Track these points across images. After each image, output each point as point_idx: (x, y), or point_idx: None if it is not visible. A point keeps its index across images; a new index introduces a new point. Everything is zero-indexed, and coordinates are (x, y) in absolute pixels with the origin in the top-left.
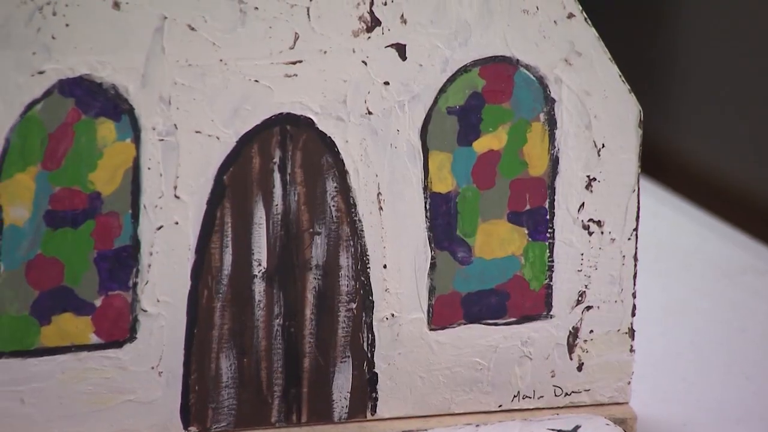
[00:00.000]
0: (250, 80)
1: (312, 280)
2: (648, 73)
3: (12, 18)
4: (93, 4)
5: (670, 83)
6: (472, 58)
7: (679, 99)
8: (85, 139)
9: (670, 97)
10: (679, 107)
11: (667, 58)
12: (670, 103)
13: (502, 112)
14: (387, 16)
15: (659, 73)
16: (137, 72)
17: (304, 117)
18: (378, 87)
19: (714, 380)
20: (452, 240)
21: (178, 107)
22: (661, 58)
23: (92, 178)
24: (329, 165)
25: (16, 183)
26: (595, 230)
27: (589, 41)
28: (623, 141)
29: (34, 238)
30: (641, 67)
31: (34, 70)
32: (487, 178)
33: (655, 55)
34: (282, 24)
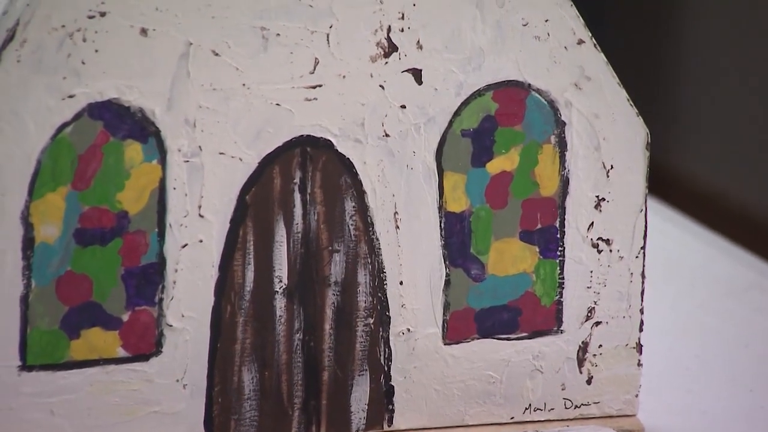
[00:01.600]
0: (272, 104)
1: (331, 296)
2: (655, 97)
3: (44, 44)
4: (121, 31)
5: (676, 106)
6: (486, 82)
7: (684, 122)
8: (113, 161)
9: (677, 119)
10: (685, 130)
11: (673, 82)
12: (676, 126)
13: (515, 134)
14: (404, 42)
15: (665, 96)
16: (163, 96)
17: (324, 139)
18: (395, 110)
19: (719, 393)
20: (466, 258)
21: (202, 130)
22: (667, 81)
23: (120, 198)
24: (348, 185)
25: (47, 202)
26: (604, 248)
27: (599, 66)
28: (631, 162)
29: (64, 256)
30: (648, 91)
31: (65, 94)
32: (500, 198)
33: (661, 78)
34: (303, 50)
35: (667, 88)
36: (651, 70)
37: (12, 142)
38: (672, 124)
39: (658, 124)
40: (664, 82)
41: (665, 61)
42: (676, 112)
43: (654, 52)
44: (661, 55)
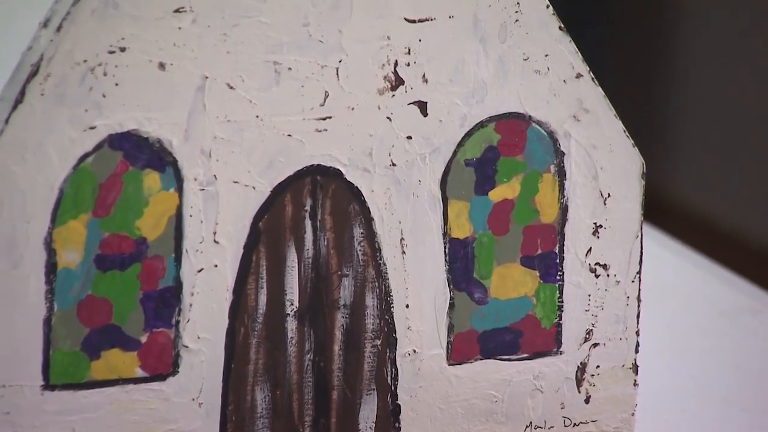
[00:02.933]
0: (284, 135)
1: (340, 318)
2: (649, 128)
3: (66, 78)
4: (140, 65)
5: (670, 136)
6: (488, 114)
7: (678, 152)
8: (133, 189)
9: (670, 150)
10: (678, 160)
11: (666, 113)
12: (670, 156)
13: (516, 164)
14: (410, 75)
15: (660, 126)
16: (180, 127)
17: (333, 168)
18: (401, 141)
19: (712, 412)
20: (469, 282)
21: (217, 159)
22: (661, 112)
23: (139, 225)
24: (356, 212)
25: (69, 229)
26: (601, 273)
27: (596, 99)
28: (627, 191)
29: (85, 280)
30: (644, 121)
31: (86, 126)
32: (502, 225)
33: (655, 110)
34: (313, 83)
35: (661, 119)
36: (646, 102)
37: (36, 172)
38: (666, 155)
39: (653, 153)
40: (658, 113)
41: (659, 92)
42: (670, 143)
43: (649, 85)
44: (655, 87)
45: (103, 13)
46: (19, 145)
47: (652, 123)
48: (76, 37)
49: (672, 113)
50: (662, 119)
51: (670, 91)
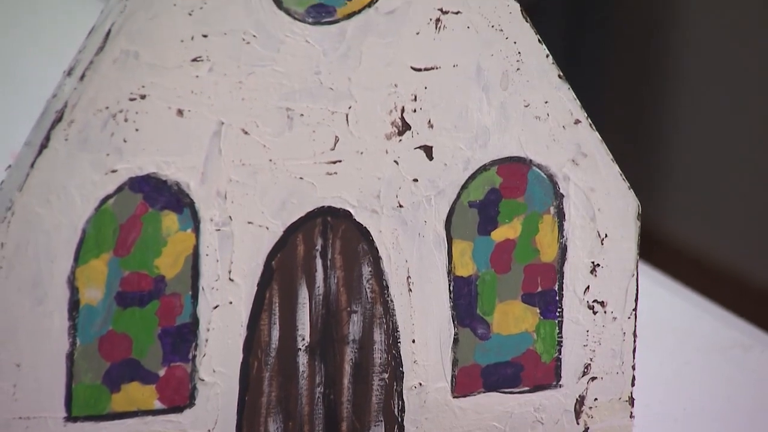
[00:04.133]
0: (296, 177)
1: (349, 353)
2: (644, 171)
3: (89, 124)
4: (160, 112)
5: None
6: (491, 158)
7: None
8: (152, 229)
9: (664, 192)
10: (671, 202)
11: (659, 158)
12: (664, 199)
13: (517, 205)
14: (416, 121)
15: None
16: (197, 170)
17: (343, 210)
18: (408, 183)
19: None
20: (473, 318)
21: (232, 201)
22: (654, 157)
23: (157, 264)
24: (365, 252)
25: (91, 268)
26: (599, 310)
27: (594, 144)
28: (623, 232)
29: (106, 316)
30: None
31: (108, 169)
32: (504, 264)
33: (649, 154)
34: (324, 128)
35: (655, 163)
36: (641, 146)
37: (60, 213)
38: (660, 198)
39: (649, 195)
40: (653, 157)
41: (653, 137)
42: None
43: (643, 130)
44: (649, 132)
45: (125, 62)
46: (44, 188)
47: (646, 166)
48: (99, 85)
49: (665, 157)
50: (656, 163)
51: (663, 136)
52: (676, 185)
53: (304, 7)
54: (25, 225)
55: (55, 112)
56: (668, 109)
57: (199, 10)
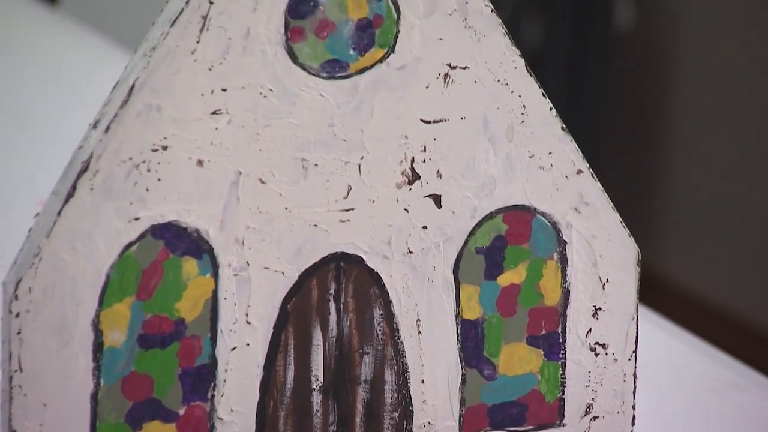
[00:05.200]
0: (311, 225)
1: (361, 393)
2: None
3: (114, 174)
4: (180, 162)
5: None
6: (497, 206)
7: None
8: (173, 275)
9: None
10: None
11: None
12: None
13: (522, 252)
14: (425, 171)
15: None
16: (216, 218)
17: (356, 255)
18: (417, 230)
19: None
20: (480, 359)
21: (250, 247)
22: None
23: (178, 307)
24: (376, 296)
25: (114, 311)
26: (600, 352)
27: (595, 193)
28: (624, 277)
29: (129, 358)
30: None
31: (131, 217)
32: (509, 308)
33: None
34: (338, 178)
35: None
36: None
37: (85, 259)
38: (659, 242)
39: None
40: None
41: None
42: (662, 232)
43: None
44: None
45: (148, 115)
46: (70, 235)
47: (646, 214)
48: (123, 137)
49: (664, 205)
50: (655, 211)
51: (662, 184)
52: (674, 232)
53: (318, 62)
54: (52, 270)
55: (81, 162)
56: (666, 158)
57: (218, 65)
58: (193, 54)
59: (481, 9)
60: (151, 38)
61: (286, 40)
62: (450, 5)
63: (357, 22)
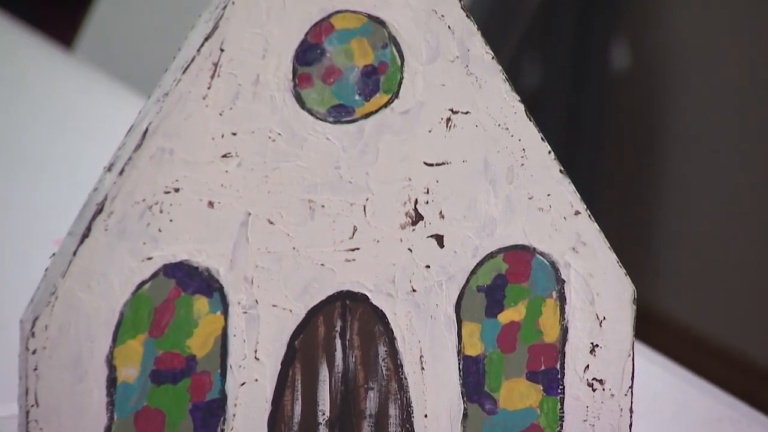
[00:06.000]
0: (318, 264)
1: (366, 427)
2: (641, 254)
3: (127, 215)
4: (192, 204)
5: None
6: (497, 246)
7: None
8: (184, 312)
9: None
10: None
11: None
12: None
13: (522, 290)
14: (428, 212)
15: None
16: (226, 258)
17: (361, 294)
18: (421, 269)
19: None
20: (481, 394)
21: (258, 286)
22: (649, 243)
23: (189, 344)
24: (381, 333)
25: (128, 348)
26: (597, 387)
27: (592, 233)
28: (620, 315)
29: (141, 393)
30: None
31: (144, 257)
32: (510, 344)
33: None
34: (343, 219)
35: (651, 248)
36: (636, 236)
37: (99, 298)
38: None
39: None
40: (649, 243)
41: (647, 224)
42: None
43: (637, 219)
44: (643, 220)
45: (160, 158)
46: (85, 274)
47: (642, 252)
48: (137, 179)
49: (659, 245)
50: (651, 250)
51: (658, 223)
52: (671, 270)
53: (325, 107)
54: (67, 308)
55: (96, 204)
56: (662, 195)
57: (228, 110)
58: (205, 99)
59: (482, 56)
60: (164, 84)
61: (294, 86)
62: (452, 52)
63: (362, 68)
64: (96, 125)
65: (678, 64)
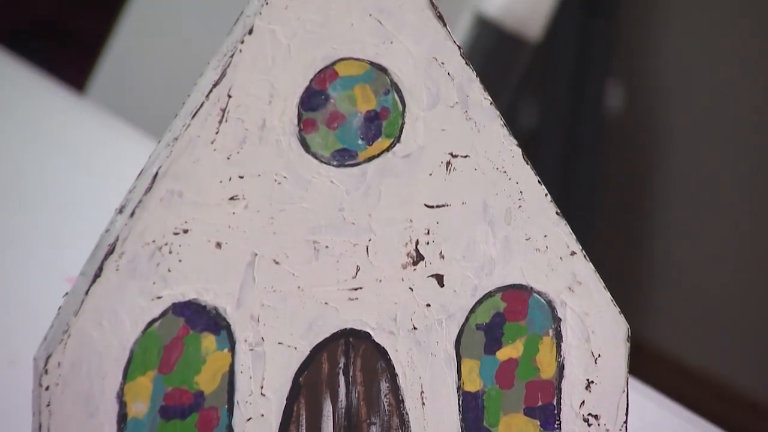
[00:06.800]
0: (322, 302)
1: None
2: (636, 290)
3: (138, 256)
4: (200, 244)
5: (656, 301)
6: (496, 285)
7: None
8: (192, 350)
9: (657, 312)
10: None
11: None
12: (655, 317)
13: (519, 328)
14: (429, 252)
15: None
16: (233, 297)
17: (364, 331)
18: (422, 308)
19: None
20: (480, 429)
21: (264, 324)
22: (642, 284)
23: (197, 380)
24: (383, 369)
25: (138, 384)
26: (593, 423)
27: (588, 273)
28: (615, 352)
29: (151, 428)
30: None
31: (154, 296)
32: (508, 381)
33: (637, 283)
34: (347, 259)
35: (647, 285)
36: (627, 274)
37: (111, 335)
38: (651, 316)
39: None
40: (644, 279)
41: (640, 264)
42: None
43: (630, 257)
44: (636, 257)
45: (170, 200)
46: (97, 313)
47: (637, 288)
48: (147, 221)
49: (655, 282)
50: (646, 286)
51: (652, 260)
52: (666, 306)
53: (329, 151)
54: (79, 346)
55: (107, 245)
56: (656, 233)
57: (236, 154)
58: (213, 144)
59: (481, 102)
60: (174, 129)
61: (299, 130)
62: (452, 98)
63: (365, 114)
64: (107, 167)
65: (672, 106)
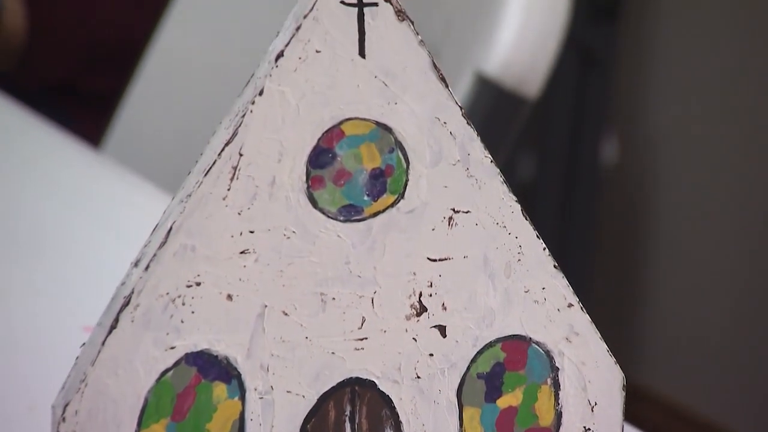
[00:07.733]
0: (329, 352)
1: None
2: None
3: (152, 308)
4: (212, 297)
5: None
6: (496, 336)
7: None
8: (204, 398)
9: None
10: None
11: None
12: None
13: (519, 377)
14: (432, 304)
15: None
16: (244, 347)
17: (369, 380)
18: (425, 358)
19: None
20: None
21: (274, 373)
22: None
23: (209, 427)
24: (387, 416)
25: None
26: None
27: (584, 324)
28: (610, 400)
29: None
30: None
31: (167, 346)
32: (508, 428)
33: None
34: (353, 310)
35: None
36: (629, 315)
37: (126, 384)
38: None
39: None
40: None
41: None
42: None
43: (630, 300)
44: (635, 302)
45: (183, 254)
46: (113, 363)
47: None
48: (161, 274)
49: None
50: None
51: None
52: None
53: (336, 207)
54: (96, 394)
55: (123, 297)
56: (650, 278)
57: (246, 210)
58: (225, 200)
59: (482, 160)
60: (187, 186)
61: (308, 187)
62: (454, 156)
63: (371, 171)
64: (122, 220)
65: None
